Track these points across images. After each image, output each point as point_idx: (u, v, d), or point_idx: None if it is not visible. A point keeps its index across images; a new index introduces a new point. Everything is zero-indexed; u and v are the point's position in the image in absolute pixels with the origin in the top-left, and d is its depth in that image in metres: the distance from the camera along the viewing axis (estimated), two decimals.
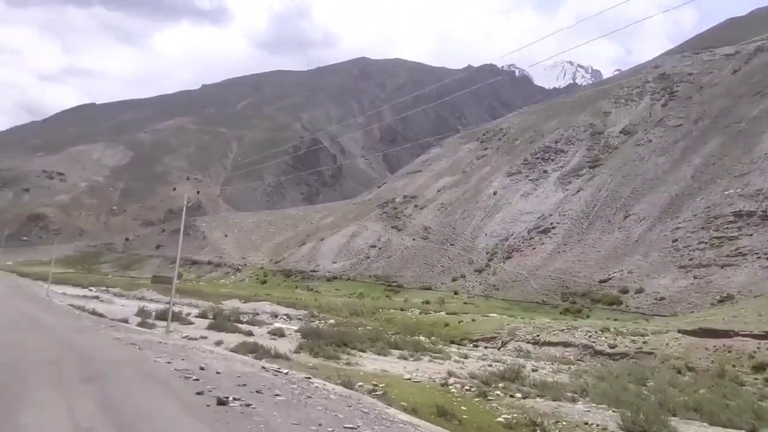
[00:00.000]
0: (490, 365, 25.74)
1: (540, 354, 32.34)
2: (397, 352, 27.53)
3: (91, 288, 70.44)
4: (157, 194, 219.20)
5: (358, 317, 48.67)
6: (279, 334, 30.67)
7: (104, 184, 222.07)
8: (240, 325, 33.53)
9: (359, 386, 16.14)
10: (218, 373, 14.20)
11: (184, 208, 31.27)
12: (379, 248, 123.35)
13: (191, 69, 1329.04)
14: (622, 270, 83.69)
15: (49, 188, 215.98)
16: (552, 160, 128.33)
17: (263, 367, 16.27)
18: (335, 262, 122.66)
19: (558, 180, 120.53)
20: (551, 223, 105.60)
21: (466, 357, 29.74)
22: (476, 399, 17.53)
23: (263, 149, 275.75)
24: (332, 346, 24.78)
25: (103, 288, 71.40)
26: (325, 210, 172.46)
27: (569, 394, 19.05)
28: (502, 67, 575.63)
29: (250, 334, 28.27)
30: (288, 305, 56.89)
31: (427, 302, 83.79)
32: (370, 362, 23.46)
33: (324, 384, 14.64)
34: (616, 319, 66.48)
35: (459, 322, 42.77)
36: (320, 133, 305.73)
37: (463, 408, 15.53)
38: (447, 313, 51.19)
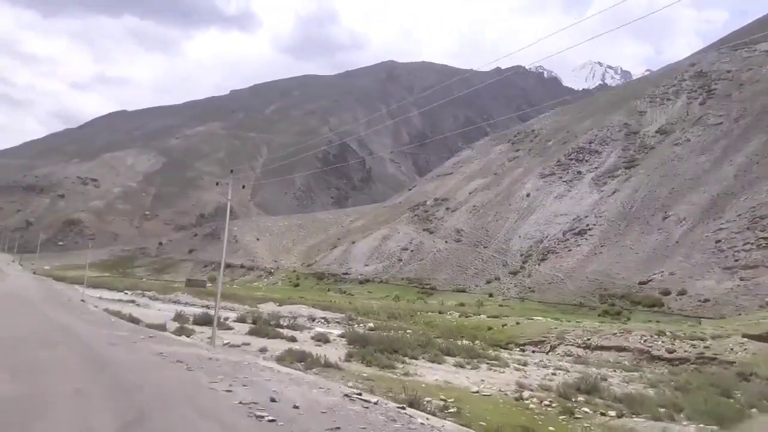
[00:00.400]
0: (554, 373, 24.39)
1: (592, 359, 31.07)
2: (451, 360, 26.35)
3: (126, 291, 70.89)
4: (188, 199, 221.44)
5: (396, 320, 47.81)
6: (323, 339, 29.72)
7: (137, 189, 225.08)
8: (281, 330, 32.64)
9: (427, 402, 14.97)
10: (296, 407, 11.44)
11: (228, 211, 30.25)
12: (411, 251, 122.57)
13: (219, 75, 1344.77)
14: (662, 271, 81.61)
15: (84, 194, 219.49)
16: (586, 160, 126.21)
17: (347, 395, 13.70)
18: (367, 265, 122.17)
19: (593, 181, 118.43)
20: (587, 225, 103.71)
21: (525, 364, 28.27)
22: (562, 417, 15.97)
23: (292, 153, 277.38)
24: (383, 353, 23.87)
25: (139, 291, 71.81)
26: (356, 213, 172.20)
27: (662, 410, 16.90)
28: (530, 68, 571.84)
29: (293, 339, 27.34)
30: (324, 308, 56.32)
31: (462, 305, 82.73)
32: (427, 372, 22.19)
33: (427, 419, 12.61)
34: (658, 321, 64.72)
35: (503, 326, 41.58)
36: (349, 137, 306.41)
37: (551, 429, 14.22)
38: (488, 316, 49.99)
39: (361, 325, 42.50)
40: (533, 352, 34.33)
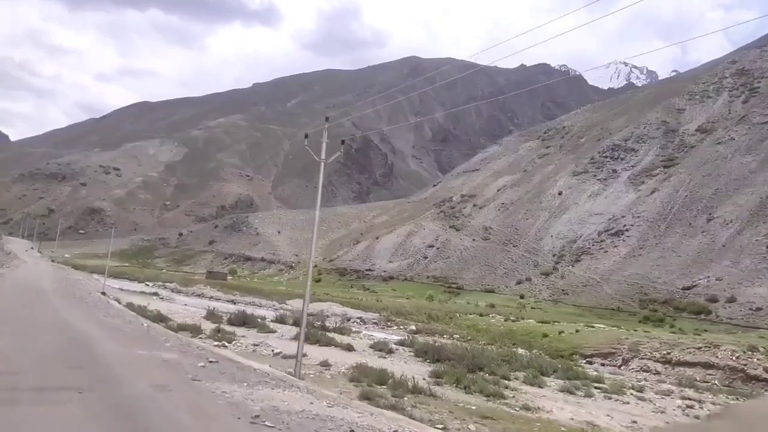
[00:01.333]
0: (688, 405, 19.76)
1: (674, 376, 27.16)
2: (550, 381, 22.14)
3: (147, 283, 67.83)
4: (209, 190, 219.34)
5: (435, 322, 44.14)
6: (385, 349, 25.60)
7: (158, 179, 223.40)
8: (330, 335, 27.75)
9: None
10: None
11: (321, 171, 26.90)
12: (437, 248, 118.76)
13: (241, 69, 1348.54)
14: (708, 277, 77.13)
15: (105, 183, 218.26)
16: (622, 159, 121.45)
17: None
18: (391, 262, 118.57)
19: (629, 180, 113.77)
20: (624, 225, 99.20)
21: (640, 390, 23.36)
22: None
23: (314, 146, 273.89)
24: (472, 372, 19.78)
25: (160, 283, 68.72)
26: (378, 208, 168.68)
27: None
28: (556, 66, 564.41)
29: (350, 348, 23.38)
30: (354, 306, 52.82)
31: (493, 305, 78.90)
32: (547, 403, 17.77)
33: None
34: (705, 330, 60.49)
35: (560, 333, 37.61)
36: (371, 132, 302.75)
37: None
38: (538, 321, 46.01)
39: (402, 327, 38.89)
40: (602, 365, 30.39)
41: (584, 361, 31.08)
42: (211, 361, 12.93)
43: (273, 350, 18.74)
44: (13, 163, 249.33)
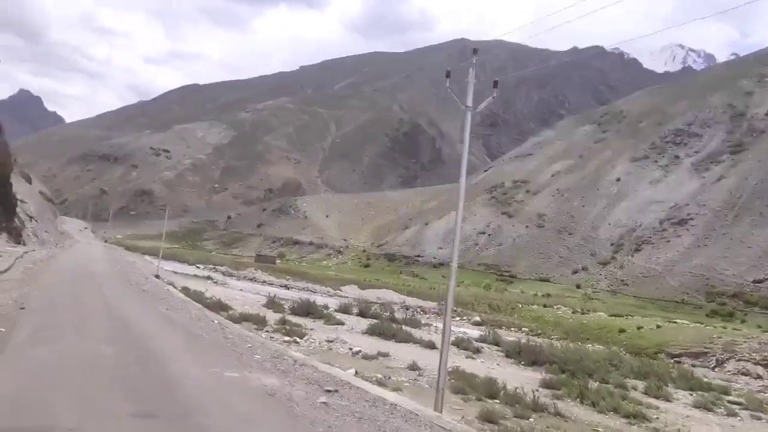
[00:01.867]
0: None
1: None
2: (677, 393, 18.85)
3: (198, 265, 67.13)
4: (257, 173, 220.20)
5: (497, 313, 41.69)
6: (472, 349, 22.68)
7: (206, 162, 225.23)
8: (406, 329, 24.61)
9: None
10: None
11: (466, 132, 25.10)
12: (489, 235, 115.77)
13: (287, 52, 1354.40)
14: None
15: (156, 165, 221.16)
16: (685, 144, 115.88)
17: None
18: (441, 248, 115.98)
19: (693, 167, 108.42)
20: (688, 214, 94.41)
21: None
22: None
23: (361, 130, 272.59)
24: (585, 378, 16.96)
25: (211, 266, 67.94)
26: (427, 194, 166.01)
27: None
28: (610, 49, 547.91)
29: (431, 346, 20.21)
30: (409, 293, 50.72)
31: (548, 295, 76.01)
32: (691, 423, 14.71)
33: None
34: None
35: (638, 328, 34.73)
36: (419, 116, 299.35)
37: None
38: (610, 315, 43.03)
39: (465, 318, 36.64)
40: (692, 366, 27.50)
41: (672, 361, 28.18)
42: (328, 390, 9.27)
43: (351, 348, 16.41)
44: (68, 145, 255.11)
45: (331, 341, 16.67)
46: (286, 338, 15.50)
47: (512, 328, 34.55)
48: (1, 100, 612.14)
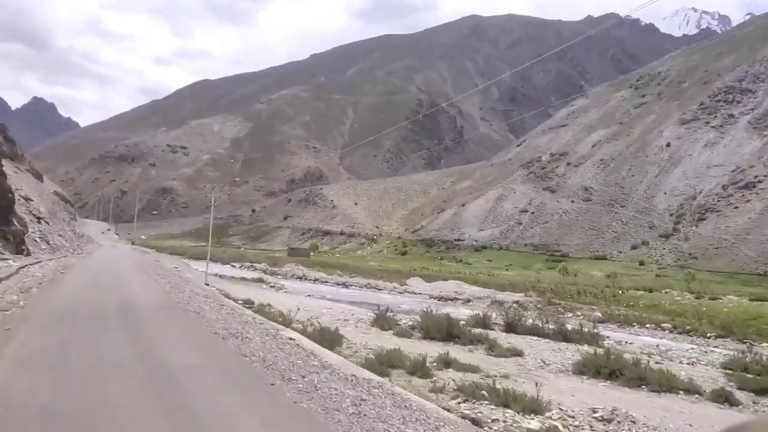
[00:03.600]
0: None
1: None
2: None
3: (233, 264, 60.94)
4: (277, 164, 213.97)
5: (602, 302, 35.08)
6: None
7: (225, 156, 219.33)
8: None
9: None
10: None
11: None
12: (532, 213, 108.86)
13: (294, 43, 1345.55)
14: None
15: (174, 162, 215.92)
16: (738, 102, 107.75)
17: None
18: (482, 230, 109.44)
19: (750, 125, 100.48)
20: (755, 177, 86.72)
21: None
22: None
23: (379, 113, 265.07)
24: None
25: (247, 264, 61.59)
26: (456, 174, 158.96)
27: None
28: (625, 16, 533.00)
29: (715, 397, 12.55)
30: (476, 283, 44.26)
31: (614, 275, 69.15)
32: None
33: None
34: None
35: None
36: (437, 96, 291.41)
37: None
38: (752, 299, 36.02)
39: (579, 314, 30.12)
40: None
41: None
42: None
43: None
44: (84, 149, 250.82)
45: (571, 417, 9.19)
46: (489, 411, 8.32)
47: (647, 325, 28.07)
48: (16, 109, 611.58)
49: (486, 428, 7.94)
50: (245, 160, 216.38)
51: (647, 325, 27.86)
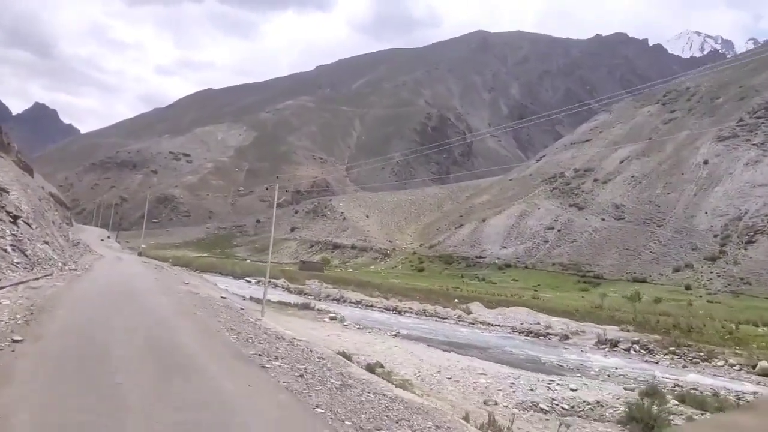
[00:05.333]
0: None
1: None
2: None
3: (248, 279, 53.65)
4: (283, 174, 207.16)
5: (707, 343, 28.43)
6: None
7: (229, 164, 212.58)
8: None
9: None
10: None
11: None
12: (558, 230, 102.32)
13: (297, 56, 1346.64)
14: None
15: (176, 169, 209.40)
16: None
17: None
18: (505, 247, 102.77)
19: None
20: None
21: None
22: None
23: (387, 126, 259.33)
24: None
25: (269, 281, 53.65)
26: (472, 188, 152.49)
27: None
28: (633, 36, 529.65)
29: None
30: (540, 309, 37.43)
31: (659, 300, 62.50)
32: None
33: None
34: None
35: None
36: (445, 110, 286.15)
37: None
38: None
39: (708, 360, 23.47)
40: None
41: None
42: None
43: None
44: (85, 154, 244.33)
45: None
46: None
47: None
48: (17, 114, 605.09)
49: None
50: (250, 170, 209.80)
51: None
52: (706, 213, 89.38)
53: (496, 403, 10.18)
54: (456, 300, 42.09)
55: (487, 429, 7.96)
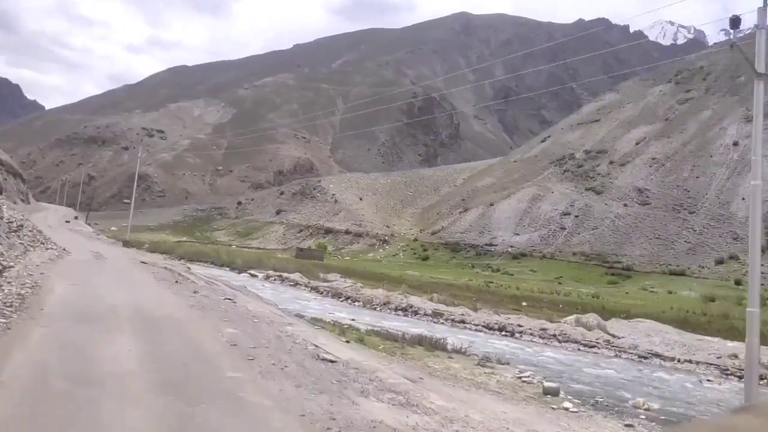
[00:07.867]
0: None
1: None
2: None
3: (252, 272, 43.76)
4: (264, 154, 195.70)
5: None
6: None
7: (207, 142, 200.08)
8: None
9: None
10: None
11: None
12: (576, 216, 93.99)
13: (271, 36, 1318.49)
14: None
15: (150, 147, 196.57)
16: None
17: None
18: (518, 234, 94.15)
19: None
20: None
21: None
22: None
23: (370, 105, 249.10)
24: None
25: (270, 272, 44.09)
26: (469, 170, 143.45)
27: None
28: (616, 22, 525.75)
29: None
30: (656, 319, 28.45)
31: (712, 300, 54.48)
32: None
33: None
34: None
35: None
36: (431, 91, 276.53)
37: None
38: None
39: None
40: None
41: None
42: None
43: None
44: (50, 130, 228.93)
45: None
46: None
47: None
48: None
49: None
50: (229, 147, 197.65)
51: None
52: (743, 199, 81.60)
53: None
54: (544, 308, 32.24)
55: None
